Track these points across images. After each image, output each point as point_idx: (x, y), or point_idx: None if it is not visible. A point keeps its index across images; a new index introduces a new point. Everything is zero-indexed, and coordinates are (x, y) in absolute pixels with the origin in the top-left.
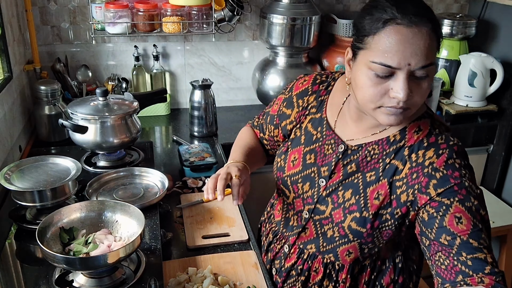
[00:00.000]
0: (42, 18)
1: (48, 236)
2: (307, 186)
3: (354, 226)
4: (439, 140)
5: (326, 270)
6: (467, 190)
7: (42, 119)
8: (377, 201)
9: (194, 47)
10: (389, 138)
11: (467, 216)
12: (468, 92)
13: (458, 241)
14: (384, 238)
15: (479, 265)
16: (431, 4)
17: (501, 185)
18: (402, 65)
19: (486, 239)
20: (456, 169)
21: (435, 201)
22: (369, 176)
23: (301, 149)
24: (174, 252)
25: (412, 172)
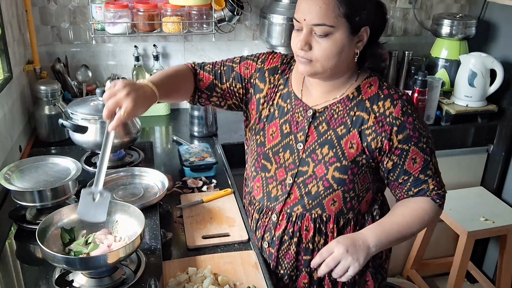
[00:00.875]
0: (42, 18)
1: (48, 236)
2: (288, 154)
3: (337, 175)
4: (391, 92)
5: (316, 225)
6: (419, 132)
7: (42, 119)
8: (352, 149)
9: (194, 47)
10: (349, 96)
11: (420, 156)
12: (468, 92)
13: (411, 178)
14: (361, 183)
15: (421, 193)
16: (431, 4)
17: (501, 185)
18: (301, 19)
19: (433, 167)
20: (409, 115)
21: (397, 149)
22: (340, 130)
23: (277, 122)
24: (174, 252)
25: (378, 121)
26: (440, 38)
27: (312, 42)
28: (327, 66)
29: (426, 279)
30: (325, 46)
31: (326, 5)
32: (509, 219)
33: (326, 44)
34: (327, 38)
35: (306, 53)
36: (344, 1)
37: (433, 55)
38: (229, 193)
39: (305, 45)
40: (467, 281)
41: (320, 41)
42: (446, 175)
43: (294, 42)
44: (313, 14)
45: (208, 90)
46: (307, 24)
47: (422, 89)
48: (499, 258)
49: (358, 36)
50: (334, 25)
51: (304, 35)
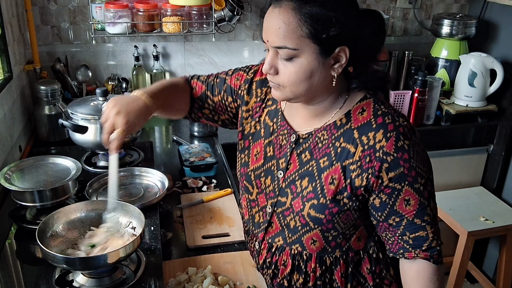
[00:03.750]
0: (42, 18)
1: (48, 236)
2: (269, 180)
3: (313, 214)
4: (386, 120)
5: (294, 262)
6: (416, 171)
7: (42, 119)
8: (332, 186)
9: (194, 47)
10: (336, 123)
11: (415, 197)
12: (468, 92)
13: (405, 221)
14: (344, 222)
15: (419, 242)
16: (431, 4)
17: (501, 185)
18: (265, 40)
19: (431, 212)
20: (405, 151)
21: (387, 187)
22: (323, 162)
23: (262, 142)
24: (174, 252)
25: (365, 156)
26: (440, 38)
27: (278, 65)
28: (297, 92)
29: None
30: (291, 71)
31: (286, 25)
32: (509, 219)
33: (292, 69)
34: (292, 61)
35: (273, 77)
36: (307, 20)
37: (433, 55)
38: (229, 193)
39: (270, 69)
40: (467, 281)
41: (286, 64)
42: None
43: None
44: (274, 36)
45: (200, 100)
46: (270, 46)
47: (422, 89)
48: (499, 258)
49: (333, 57)
50: (297, 48)
51: (270, 58)
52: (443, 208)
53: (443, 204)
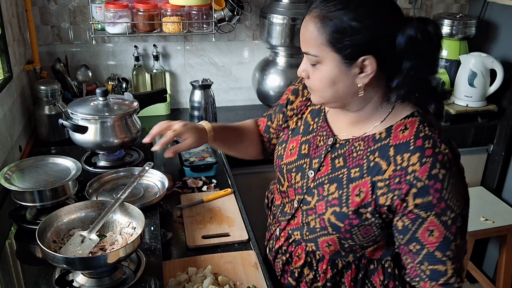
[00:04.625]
0: (42, 18)
1: (48, 236)
2: (299, 177)
3: (333, 220)
4: (426, 144)
5: (307, 258)
6: (446, 204)
7: (42, 119)
8: (358, 198)
9: (194, 47)
10: (375, 136)
11: (440, 230)
12: (468, 92)
13: (425, 251)
14: (363, 235)
15: (436, 275)
16: (431, 4)
17: (501, 185)
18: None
19: (455, 249)
20: (438, 180)
21: (412, 213)
22: (354, 172)
23: (299, 138)
24: (174, 252)
25: (395, 176)
26: None
27: (309, 70)
28: (326, 97)
29: None
30: (316, 76)
31: (309, 32)
32: (509, 219)
33: (318, 74)
34: (316, 67)
35: (306, 81)
36: (326, 28)
37: None
38: (229, 193)
39: (302, 71)
40: (467, 281)
41: (313, 69)
42: None
43: None
44: (302, 41)
45: (266, 133)
46: (302, 51)
47: None
48: (499, 258)
49: (358, 66)
50: (318, 55)
51: (303, 62)
52: None
53: None
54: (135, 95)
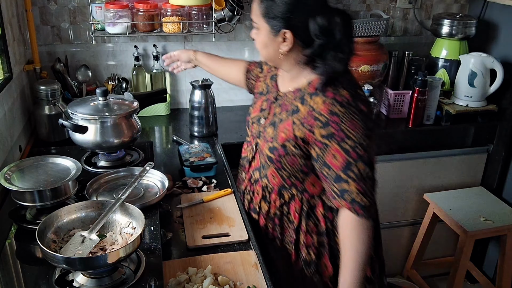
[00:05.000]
0: (42, 18)
1: (48, 236)
2: (256, 126)
3: (268, 153)
4: (330, 90)
5: (264, 193)
6: (345, 133)
7: (42, 119)
8: (284, 134)
9: (194, 47)
10: (300, 88)
11: (342, 154)
12: (468, 92)
13: (333, 173)
14: (290, 165)
15: (343, 194)
16: (431, 4)
17: (501, 185)
18: None
19: (357, 172)
20: (337, 115)
21: (319, 142)
22: (283, 115)
23: (262, 98)
24: (174, 252)
25: (307, 114)
26: (440, 38)
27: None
28: (263, 55)
29: (426, 279)
30: (257, 40)
31: (254, 5)
32: (509, 219)
33: (257, 38)
34: (257, 33)
35: None
36: (263, 2)
37: (433, 55)
38: (229, 193)
39: (253, 34)
40: (467, 281)
41: (256, 34)
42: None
43: None
44: (251, 12)
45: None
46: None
47: (422, 89)
48: (499, 258)
49: (281, 37)
50: (257, 23)
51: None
52: (443, 208)
53: (443, 204)
54: (135, 95)
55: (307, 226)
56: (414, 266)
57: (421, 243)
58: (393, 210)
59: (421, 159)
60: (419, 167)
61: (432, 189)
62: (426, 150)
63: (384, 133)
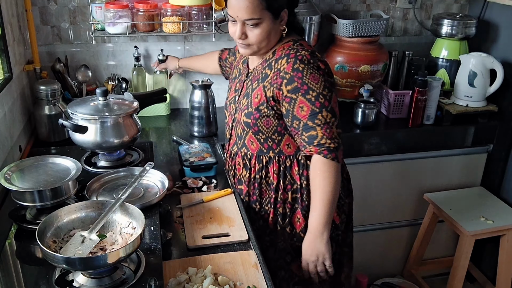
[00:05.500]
0: (42, 18)
1: (48, 236)
2: (233, 105)
3: (244, 120)
4: (291, 52)
5: (244, 161)
6: (308, 86)
7: (42, 119)
8: (256, 99)
9: (194, 47)
10: (266, 58)
11: (307, 105)
12: (468, 92)
13: (301, 124)
14: (266, 126)
15: (311, 140)
16: (431, 4)
17: (501, 185)
18: (234, 16)
19: (322, 119)
20: (299, 71)
21: (287, 97)
22: (254, 85)
23: (236, 81)
24: (174, 252)
25: (274, 75)
26: (440, 38)
27: (246, 31)
28: (261, 46)
29: (426, 279)
30: (257, 33)
31: (251, 3)
32: (509, 219)
33: (258, 31)
34: (257, 27)
35: (244, 40)
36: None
37: (433, 55)
38: (229, 193)
39: (241, 34)
40: (467, 281)
41: (252, 30)
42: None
43: (232, 31)
44: (243, 12)
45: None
46: (240, 19)
47: (422, 89)
48: (499, 258)
49: (280, 18)
50: (260, 17)
51: (240, 28)
52: (443, 208)
53: (443, 204)
54: (135, 95)
55: (284, 185)
56: (414, 266)
57: (421, 243)
58: (393, 210)
59: (421, 159)
60: (419, 167)
61: (432, 189)
62: (426, 150)
63: (384, 133)
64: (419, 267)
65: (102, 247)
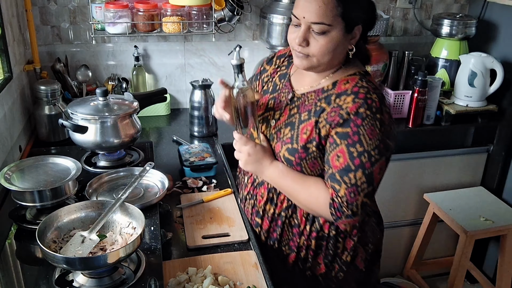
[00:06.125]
0: (42, 18)
1: (48, 236)
2: (264, 126)
3: (286, 155)
4: (361, 91)
5: (269, 195)
6: (359, 138)
7: (42, 119)
8: (305, 135)
9: (194, 47)
10: (324, 88)
11: (345, 157)
12: (468, 92)
13: (330, 172)
14: (310, 168)
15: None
16: (431, 4)
17: (501, 185)
18: (300, 17)
19: (354, 180)
20: (361, 117)
21: (332, 138)
22: (303, 116)
23: (268, 96)
24: (174, 252)
25: (332, 111)
26: (440, 38)
27: (309, 38)
28: (322, 61)
29: (426, 279)
30: (322, 43)
31: (325, 4)
32: (509, 219)
33: (323, 41)
34: (324, 35)
35: (303, 49)
36: (342, 1)
37: (433, 55)
38: (229, 193)
39: (303, 41)
40: (467, 281)
41: (317, 38)
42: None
43: (292, 36)
44: (313, 13)
45: None
46: (306, 21)
47: (422, 89)
48: (499, 258)
49: (352, 33)
50: (331, 24)
51: (303, 32)
52: (443, 208)
53: (443, 204)
54: (135, 95)
55: (310, 231)
56: (414, 266)
57: (421, 243)
58: (393, 210)
59: (421, 159)
60: (419, 167)
61: (432, 189)
62: (426, 150)
63: None
64: (419, 267)
65: (102, 247)
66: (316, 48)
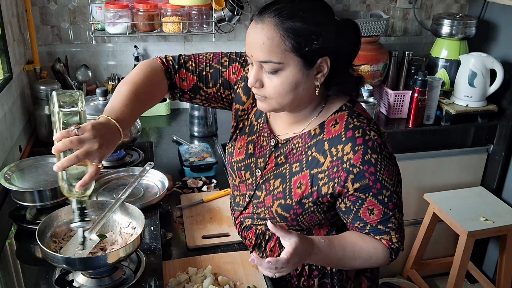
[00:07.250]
0: (42, 18)
1: (48, 236)
2: (248, 174)
3: (280, 211)
4: (356, 134)
5: (257, 241)
6: (382, 184)
7: (42, 119)
8: (299, 190)
9: (194, 47)
10: (310, 132)
11: (379, 208)
12: (468, 92)
13: (369, 227)
14: (308, 222)
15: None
16: (431, 4)
17: (501, 185)
18: (249, 55)
19: (395, 221)
20: (372, 164)
21: (352, 195)
22: (295, 167)
23: (245, 138)
24: (174, 252)
25: (333, 166)
26: (440, 38)
27: (263, 78)
28: (283, 102)
29: (426, 279)
30: (276, 83)
31: (270, 40)
32: (509, 219)
33: (277, 81)
34: (277, 74)
35: (258, 90)
36: (290, 35)
37: (433, 55)
38: (229, 193)
39: (255, 82)
40: (467, 281)
41: (271, 77)
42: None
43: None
44: (258, 51)
45: (191, 92)
46: (255, 60)
47: (422, 89)
48: (499, 258)
49: (316, 68)
50: (281, 61)
51: (254, 72)
52: (443, 208)
53: (443, 204)
54: None
55: (310, 270)
56: (414, 266)
57: (421, 243)
58: None
59: (421, 159)
60: (419, 167)
61: (432, 189)
62: (426, 150)
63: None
64: (419, 267)
65: (102, 247)
66: (271, 89)
